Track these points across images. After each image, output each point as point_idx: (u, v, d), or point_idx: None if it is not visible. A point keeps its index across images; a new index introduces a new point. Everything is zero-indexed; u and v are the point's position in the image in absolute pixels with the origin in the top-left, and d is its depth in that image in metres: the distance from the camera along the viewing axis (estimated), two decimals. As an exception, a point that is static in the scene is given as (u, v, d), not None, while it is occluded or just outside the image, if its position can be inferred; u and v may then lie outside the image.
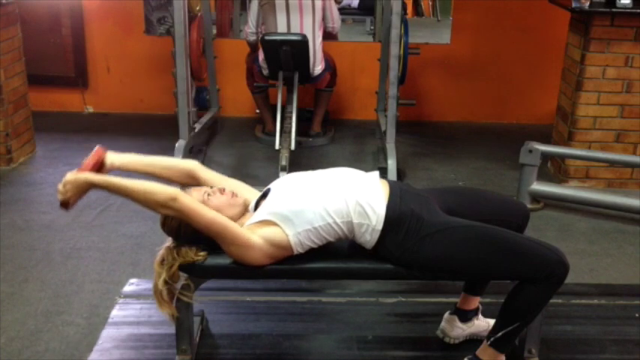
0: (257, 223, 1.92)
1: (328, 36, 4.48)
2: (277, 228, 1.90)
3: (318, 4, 4.25)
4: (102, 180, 1.90)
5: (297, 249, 1.93)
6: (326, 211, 1.90)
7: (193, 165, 2.14)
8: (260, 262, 1.92)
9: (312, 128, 4.67)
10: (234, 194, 2.00)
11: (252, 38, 4.45)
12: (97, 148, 2.07)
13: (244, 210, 2.03)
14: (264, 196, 2.03)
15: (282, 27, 4.23)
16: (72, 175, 1.90)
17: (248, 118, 5.06)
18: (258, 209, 1.98)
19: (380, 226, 1.91)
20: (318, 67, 4.33)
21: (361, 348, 2.34)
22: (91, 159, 2.02)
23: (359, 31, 6.30)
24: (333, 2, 4.38)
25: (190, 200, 1.86)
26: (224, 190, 2.00)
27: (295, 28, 4.23)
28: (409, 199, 1.98)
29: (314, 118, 4.68)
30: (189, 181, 2.11)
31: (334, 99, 4.88)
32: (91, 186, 1.90)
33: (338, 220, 1.91)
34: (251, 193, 2.11)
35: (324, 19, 4.35)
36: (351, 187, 1.95)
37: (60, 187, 1.90)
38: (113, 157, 2.07)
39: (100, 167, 2.03)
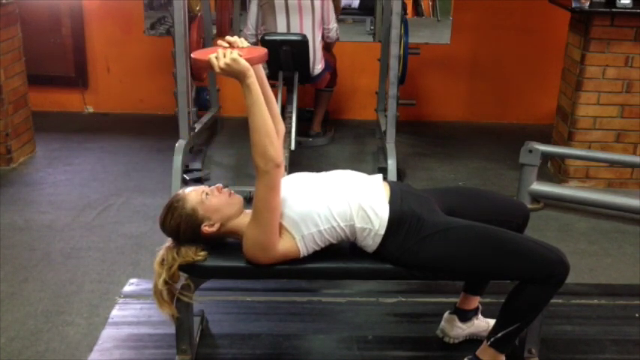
0: None
1: (325, 43, 4.45)
2: (286, 233, 1.91)
3: (317, 3, 4.24)
4: (254, 83, 1.81)
5: (304, 253, 1.94)
6: (331, 214, 1.90)
7: (282, 130, 2.10)
8: (265, 263, 1.93)
9: (312, 128, 4.67)
10: (231, 193, 2.00)
11: (252, 41, 4.43)
12: (266, 51, 1.95)
13: (242, 209, 2.02)
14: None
15: (281, 27, 4.23)
16: (239, 57, 1.79)
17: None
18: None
19: (383, 231, 1.92)
20: (317, 67, 4.33)
21: (361, 348, 2.34)
22: (261, 56, 1.90)
23: (359, 31, 6.27)
24: (330, 4, 4.36)
25: (280, 179, 1.84)
26: (222, 189, 2.00)
27: (295, 28, 4.22)
28: (410, 200, 1.98)
29: (314, 118, 4.68)
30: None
31: (334, 99, 4.87)
32: (242, 78, 1.80)
33: (342, 224, 1.91)
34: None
35: (322, 19, 4.34)
36: (355, 191, 1.96)
37: (220, 53, 1.79)
38: (257, 67, 1.96)
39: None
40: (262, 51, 1.94)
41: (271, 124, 1.82)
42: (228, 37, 1.88)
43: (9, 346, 2.35)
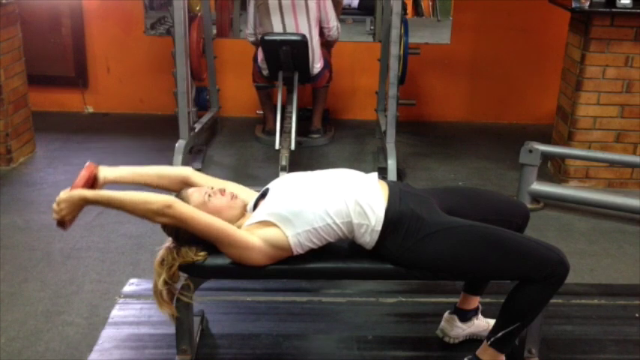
0: (256, 223, 1.92)
1: (325, 41, 4.45)
2: (276, 229, 1.90)
3: (312, 3, 4.23)
4: (95, 195, 1.92)
5: (297, 250, 1.92)
6: (326, 212, 1.90)
7: (187, 172, 2.15)
8: (260, 263, 1.92)
9: (312, 125, 4.67)
10: (234, 196, 2.00)
11: (252, 39, 4.45)
12: (88, 163, 2.06)
13: (243, 211, 2.03)
14: (262, 196, 2.03)
15: (277, 27, 4.23)
16: (65, 194, 1.90)
17: (248, 118, 5.06)
18: (257, 209, 1.98)
19: (379, 227, 1.91)
20: (317, 65, 4.33)
21: (361, 348, 2.34)
22: (82, 175, 2.01)
23: (359, 31, 6.29)
24: (329, 2, 4.35)
25: (186, 206, 1.87)
26: (224, 191, 2.00)
27: (290, 28, 4.22)
28: (409, 200, 1.98)
29: (314, 115, 4.69)
30: (184, 188, 2.11)
31: (334, 99, 4.88)
32: (85, 202, 1.91)
33: (338, 221, 1.91)
34: (248, 195, 2.11)
35: (320, 18, 4.33)
36: (351, 187, 1.95)
37: (54, 206, 1.91)
38: (106, 171, 2.08)
39: (93, 183, 2.02)
40: (85, 176, 2.00)
41: (137, 197, 1.86)
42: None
43: (9, 346, 2.35)
